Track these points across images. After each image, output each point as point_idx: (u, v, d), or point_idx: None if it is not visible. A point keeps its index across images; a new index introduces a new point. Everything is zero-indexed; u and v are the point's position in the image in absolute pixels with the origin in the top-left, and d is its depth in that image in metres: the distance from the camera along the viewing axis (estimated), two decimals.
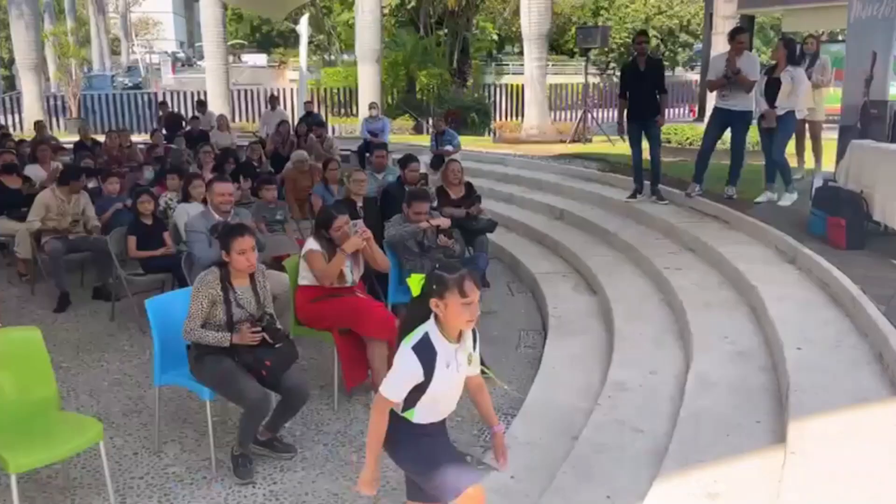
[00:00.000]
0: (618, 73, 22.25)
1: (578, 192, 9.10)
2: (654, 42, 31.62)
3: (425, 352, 2.38)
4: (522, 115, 17.64)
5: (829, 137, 8.06)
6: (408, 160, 6.60)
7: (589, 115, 14.12)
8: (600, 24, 27.04)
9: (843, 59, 6.82)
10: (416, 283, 2.45)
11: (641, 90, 7.49)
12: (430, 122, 16.44)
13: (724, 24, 12.93)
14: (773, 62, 7.11)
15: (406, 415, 2.49)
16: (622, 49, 31.24)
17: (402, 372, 2.41)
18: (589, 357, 4.73)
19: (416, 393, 2.43)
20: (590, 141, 13.53)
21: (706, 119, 8.38)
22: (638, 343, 4.65)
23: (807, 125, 8.14)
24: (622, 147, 10.61)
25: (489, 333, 5.18)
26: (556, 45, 33.75)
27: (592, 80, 20.38)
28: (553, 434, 3.75)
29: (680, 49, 33.60)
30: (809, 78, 7.61)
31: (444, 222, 5.21)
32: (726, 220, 6.80)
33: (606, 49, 31.63)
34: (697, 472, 2.96)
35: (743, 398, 3.65)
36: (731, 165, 7.35)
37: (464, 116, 19.00)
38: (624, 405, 3.83)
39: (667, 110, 8.53)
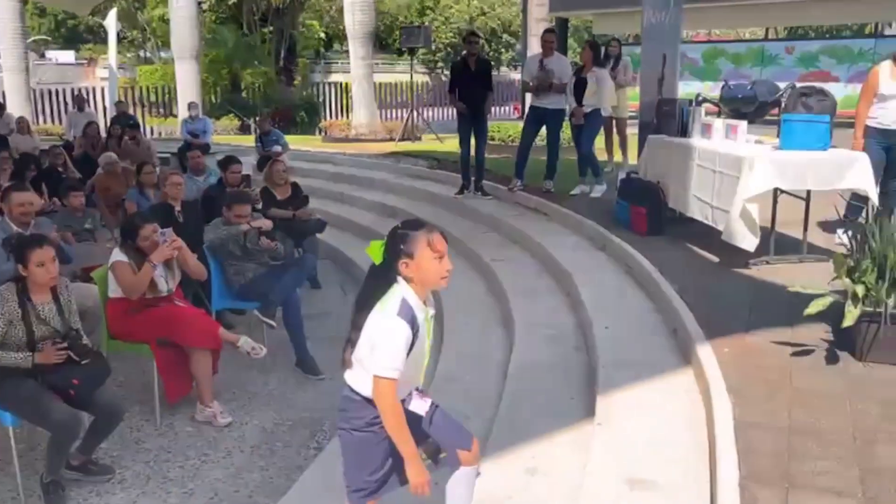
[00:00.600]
0: (447, 73, 22.77)
1: (409, 189, 9.25)
2: (480, 42, 32.67)
3: (409, 317, 2.20)
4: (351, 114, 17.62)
5: (635, 132, 8.76)
6: (228, 161, 6.40)
7: (417, 114, 14.37)
8: (427, 23, 27.60)
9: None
10: (376, 249, 2.26)
11: (471, 88, 7.74)
12: (255, 121, 15.99)
13: (537, 26, 13.61)
14: (581, 63, 7.62)
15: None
16: (449, 49, 32.03)
17: (396, 344, 2.18)
18: None
19: None
20: (419, 139, 13.77)
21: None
22: (466, 334, 4.81)
23: (613, 122, 8.80)
24: (450, 144, 10.92)
25: (323, 335, 5.15)
26: (386, 44, 33.97)
27: (421, 78, 20.75)
28: None
29: (503, 49, 34.96)
30: (614, 79, 8.24)
31: (266, 224, 5.11)
32: (545, 212, 7.19)
33: (434, 48, 32.28)
34: (517, 450, 3.13)
35: (559, 378, 3.89)
36: (548, 161, 7.79)
37: (293, 115, 18.66)
38: (453, 394, 3.95)
39: (493, 108, 8.91)
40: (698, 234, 5.43)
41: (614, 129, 8.99)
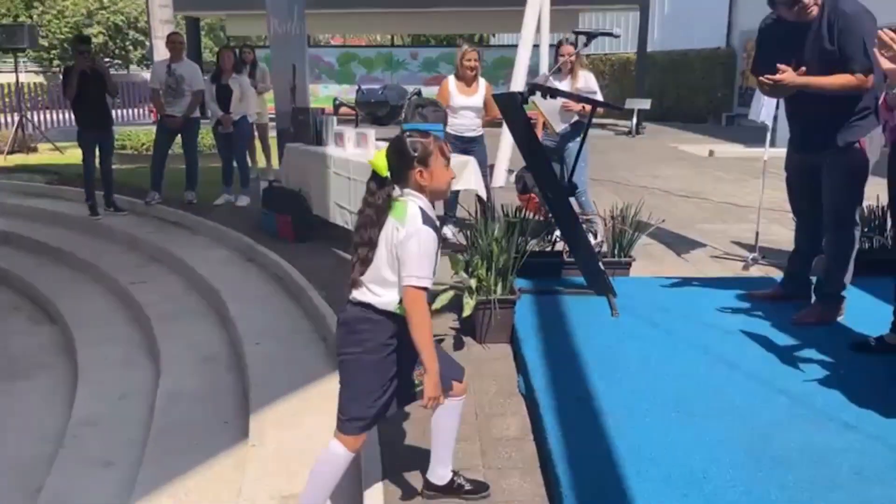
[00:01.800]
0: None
1: (26, 209, 8.11)
2: (101, 38, 29.88)
3: (432, 224, 2.20)
4: None
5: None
6: None
7: (27, 120, 12.64)
8: (34, 17, 24.42)
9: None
10: (381, 159, 2.20)
11: (90, 97, 7.03)
12: None
13: (162, 28, 12.88)
14: (218, 69, 7.43)
15: (397, 309, 2.22)
16: (66, 45, 28.74)
17: (429, 252, 2.17)
18: (52, 396, 4.31)
19: None
20: (34, 150, 12.15)
21: None
22: (105, 369, 4.41)
23: (255, 127, 8.75)
24: (73, 156, 9.84)
25: None
26: None
27: (34, 79, 18.27)
28: (10, 490, 3.33)
29: (132, 47, 32.43)
30: (254, 86, 8.21)
31: None
32: (189, 225, 6.89)
33: (48, 45, 28.72)
34: (169, 487, 2.98)
35: (212, 403, 3.78)
36: (187, 170, 7.47)
37: None
38: (92, 440, 3.60)
39: (127, 111, 8.22)
40: (345, 239, 5.65)
41: (256, 135, 8.96)
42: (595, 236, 4.88)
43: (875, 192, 4.16)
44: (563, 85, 5.41)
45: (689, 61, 18.71)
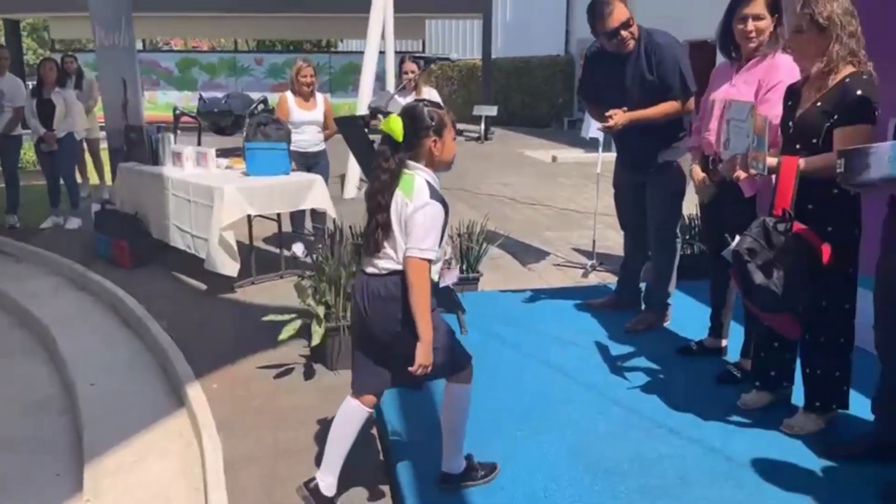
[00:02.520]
0: None
1: None
2: None
3: (439, 197, 2.29)
4: None
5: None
6: None
7: None
8: None
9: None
10: (396, 124, 2.26)
11: None
12: None
13: None
14: (39, 81, 6.87)
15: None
16: None
17: (436, 225, 2.26)
18: None
19: None
20: None
21: None
22: None
23: (85, 143, 8.18)
24: None
25: None
26: None
27: None
28: None
29: None
30: (80, 98, 7.66)
31: None
32: (11, 252, 6.35)
33: None
34: None
35: (42, 454, 3.50)
36: (7, 193, 6.88)
37: None
38: None
39: None
40: (185, 263, 5.44)
41: (87, 150, 8.38)
42: (445, 253, 4.97)
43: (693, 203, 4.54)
44: (408, 100, 5.48)
45: (531, 68, 19.50)
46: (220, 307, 4.80)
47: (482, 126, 16.01)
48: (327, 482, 2.50)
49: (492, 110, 16.32)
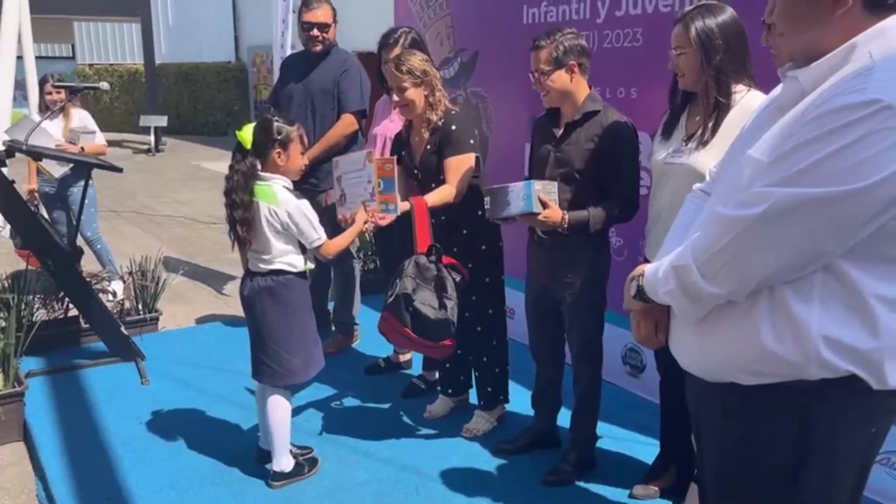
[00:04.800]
0: None
1: None
2: None
3: (297, 194, 2.66)
4: None
5: None
6: None
7: None
8: None
9: None
10: (248, 133, 2.57)
11: None
12: None
13: None
14: None
15: (306, 267, 2.72)
16: None
17: (309, 217, 2.63)
18: None
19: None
20: None
21: None
22: None
23: None
24: None
25: None
26: None
27: None
28: None
29: None
30: None
31: None
32: None
33: None
34: None
35: None
36: None
37: None
38: None
39: None
40: None
41: None
42: (114, 295, 4.57)
43: None
44: (55, 126, 4.92)
45: (201, 74, 18.67)
46: None
47: (152, 137, 14.96)
48: None
49: (161, 120, 15.31)
